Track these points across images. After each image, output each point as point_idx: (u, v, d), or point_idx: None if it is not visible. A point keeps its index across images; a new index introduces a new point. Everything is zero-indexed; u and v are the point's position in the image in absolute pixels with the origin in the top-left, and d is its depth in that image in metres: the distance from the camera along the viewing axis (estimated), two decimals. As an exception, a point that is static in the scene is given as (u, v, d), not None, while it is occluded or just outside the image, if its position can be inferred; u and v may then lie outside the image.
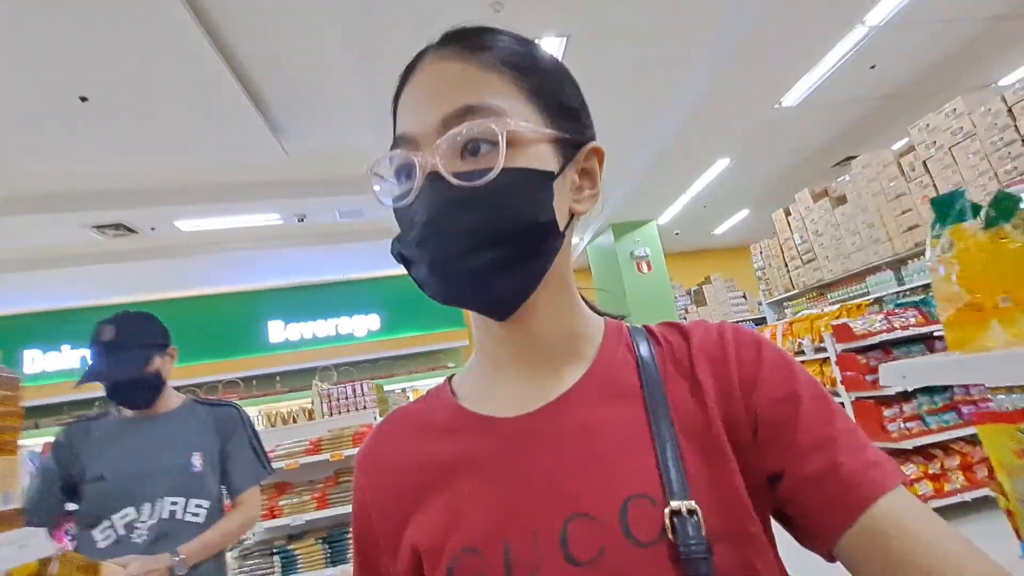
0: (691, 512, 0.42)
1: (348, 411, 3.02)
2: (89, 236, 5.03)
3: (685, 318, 7.85)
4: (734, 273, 8.52)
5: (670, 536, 0.41)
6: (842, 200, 5.16)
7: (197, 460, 1.40)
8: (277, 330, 7.54)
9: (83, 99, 3.16)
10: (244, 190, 4.73)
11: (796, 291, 5.86)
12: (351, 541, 0.57)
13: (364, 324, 7.83)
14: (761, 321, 6.86)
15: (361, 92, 3.58)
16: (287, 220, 5.38)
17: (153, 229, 5.08)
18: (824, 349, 3.52)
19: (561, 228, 0.49)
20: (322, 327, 7.68)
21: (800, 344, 3.66)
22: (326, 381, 7.82)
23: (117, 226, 4.89)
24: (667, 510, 0.42)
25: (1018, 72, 4.67)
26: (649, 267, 6.82)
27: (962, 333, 0.63)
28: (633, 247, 6.87)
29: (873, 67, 4.20)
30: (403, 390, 5.10)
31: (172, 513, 1.34)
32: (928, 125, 4.12)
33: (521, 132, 0.46)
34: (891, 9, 3.52)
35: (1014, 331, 0.58)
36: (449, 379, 0.59)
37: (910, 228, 4.44)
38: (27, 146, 3.61)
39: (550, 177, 0.48)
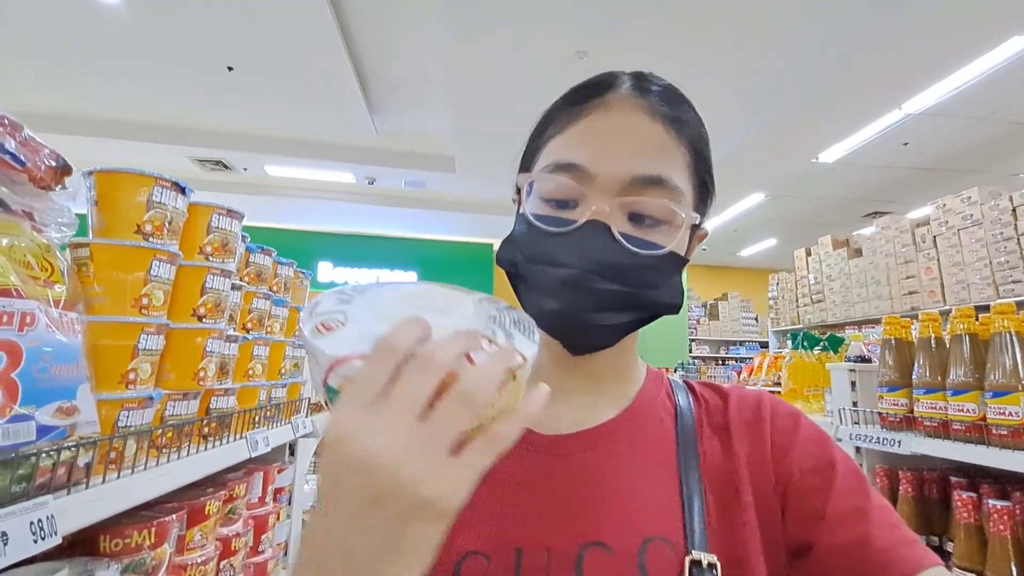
0: (711, 566, 0.42)
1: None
2: (187, 166, 5.76)
3: (696, 330, 8.40)
4: (752, 295, 8.97)
5: None
6: (858, 253, 5.61)
7: None
8: (326, 270, 8.33)
9: (230, 68, 3.81)
10: (331, 151, 5.39)
11: (801, 326, 6.37)
12: None
13: (402, 279, 8.55)
14: (765, 345, 7.39)
15: (449, 87, 4.14)
16: (359, 180, 6.04)
17: (245, 169, 5.79)
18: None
19: None
20: (365, 275, 8.43)
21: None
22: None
23: (217, 162, 5.60)
24: (688, 559, 0.42)
25: (1045, 168, 5.02)
26: (671, 277, 7.33)
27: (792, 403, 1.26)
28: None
29: (906, 144, 4.63)
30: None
31: None
32: (944, 205, 4.54)
33: (685, 219, 0.48)
34: (927, 103, 3.95)
35: (815, 406, 1.22)
36: None
37: (910, 292, 4.92)
38: (176, 101, 4.32)
39: (685, 264, 0.51)
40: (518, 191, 0.55)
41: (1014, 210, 4.04)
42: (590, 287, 0.46)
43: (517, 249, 0.50)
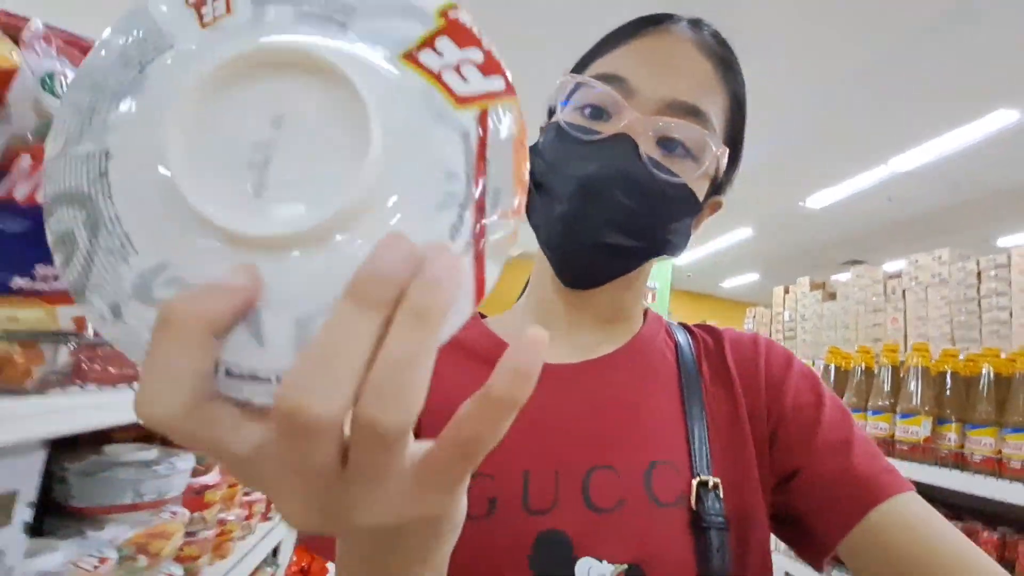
0: (715, 487, 0.45)
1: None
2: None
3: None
4: (729, 325, 9.20)
5: (692, 503, 0.44)
6: (832, 296, 5.87)
7: None
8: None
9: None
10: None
11: (771, 359, 6.61)
12: None
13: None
14: (735, 375, 7.63)
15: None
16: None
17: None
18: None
19: None
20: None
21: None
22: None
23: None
24: (695, 481, 0.45)
25: (1012, 237, 5.32)
26: (653, 298, 7.55)
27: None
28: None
29: (890, 200, 4.89)
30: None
31: None
32: (917, 261, 4.79)
33: (711, 160, 0.48)
34: (913, 164, 4.21)
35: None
36: (480, 316, 0.58)
37: (875, 340, 5.16)
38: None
39: (698, 211, 0.51)
40: (551, 113, 0.54)
41: (979, 274, 4.29)
42: (604, 196, 0.46)
43: (540, 158, 0.50)
